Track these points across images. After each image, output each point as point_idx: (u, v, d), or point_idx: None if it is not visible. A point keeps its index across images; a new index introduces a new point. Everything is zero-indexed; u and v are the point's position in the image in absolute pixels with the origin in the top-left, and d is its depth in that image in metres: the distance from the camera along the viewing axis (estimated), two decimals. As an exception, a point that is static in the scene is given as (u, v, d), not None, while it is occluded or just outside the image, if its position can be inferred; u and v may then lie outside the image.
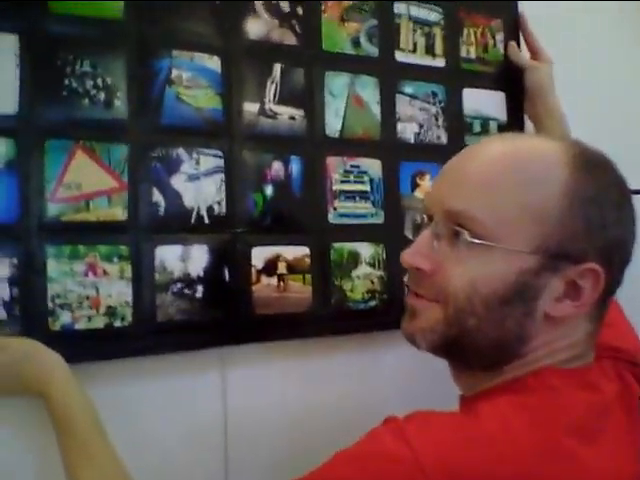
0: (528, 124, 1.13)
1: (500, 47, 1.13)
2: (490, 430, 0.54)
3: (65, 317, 0.77)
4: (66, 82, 0.79)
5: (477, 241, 0.58)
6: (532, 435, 0.54)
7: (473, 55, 1.10)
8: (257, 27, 0.92)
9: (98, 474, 0.69)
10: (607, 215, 0.60)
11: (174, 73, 0.86)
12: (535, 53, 1.11)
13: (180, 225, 0.85)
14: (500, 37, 1.13)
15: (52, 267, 0.77)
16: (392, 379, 1.01)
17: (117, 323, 0.80)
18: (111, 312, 0.80)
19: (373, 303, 0.98)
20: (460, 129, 1.08)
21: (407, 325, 0.67)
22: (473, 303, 0.59)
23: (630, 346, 0.75)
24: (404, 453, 0.52)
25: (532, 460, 0.53)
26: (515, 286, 0.59)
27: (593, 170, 0.61)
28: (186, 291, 0.84)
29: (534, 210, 0.58)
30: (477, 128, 1.10)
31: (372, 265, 0.98)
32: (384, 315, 0.98)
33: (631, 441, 0.60)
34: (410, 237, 0.76)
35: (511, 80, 1.11)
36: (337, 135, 0.98)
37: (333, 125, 0.97)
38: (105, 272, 0.80)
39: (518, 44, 1.12)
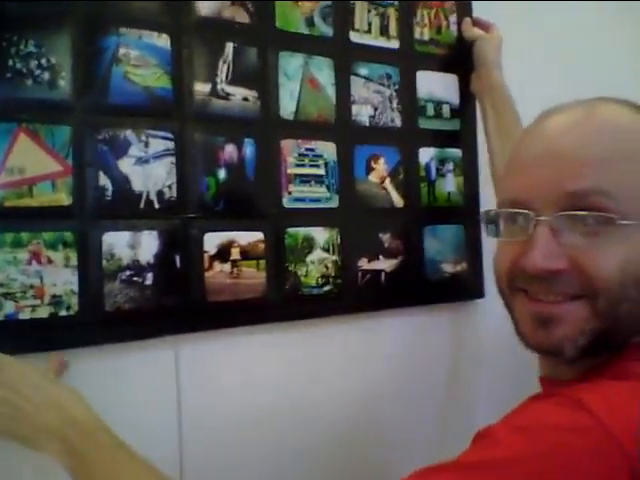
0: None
1: (453, 29, 1.12)
2: None
3: (8, 307, 0.74)
4: (10, 63, 0.75)
5: (625, 222, 0.56)
6: None
7: (427, 37, 1.09)
8: (208, 4, 0.88)
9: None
10: None
11: (121, 51, 0.82)
12: (486, 28, 1.11)
13: (128, 210, 0.81)
14: (453, 19, 1.12)
15: (-7, 255, 0.73)
16: (343, 363, 1.01)
17: (62, 312, 0.77)
18: (56, 301, 0.77)
19: (327, 288, 0.97)
20: (413, 112, 1.07)
21: (546, 335, 0.61)
22: (626, 287, 0.57)
23: None
24: (589, 423, 0.50)
25: None
26: None
27: None
28: (135, 279, 0.81)
29: None
30: (430, 111, 1.09)
31: (326, 250, 0.97)
32: (338, 300, 0.98)
33: None
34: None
35: (464, 63, 1.11)
36: (292, 117, 0.95)
37: (287, 107, 0.95)
38: (50, 260, 0.76)
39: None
